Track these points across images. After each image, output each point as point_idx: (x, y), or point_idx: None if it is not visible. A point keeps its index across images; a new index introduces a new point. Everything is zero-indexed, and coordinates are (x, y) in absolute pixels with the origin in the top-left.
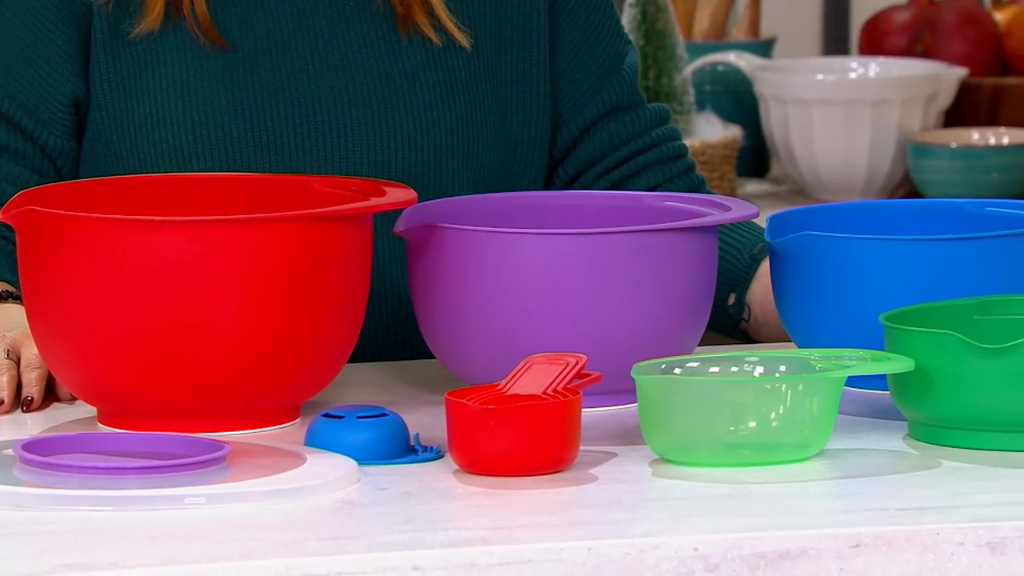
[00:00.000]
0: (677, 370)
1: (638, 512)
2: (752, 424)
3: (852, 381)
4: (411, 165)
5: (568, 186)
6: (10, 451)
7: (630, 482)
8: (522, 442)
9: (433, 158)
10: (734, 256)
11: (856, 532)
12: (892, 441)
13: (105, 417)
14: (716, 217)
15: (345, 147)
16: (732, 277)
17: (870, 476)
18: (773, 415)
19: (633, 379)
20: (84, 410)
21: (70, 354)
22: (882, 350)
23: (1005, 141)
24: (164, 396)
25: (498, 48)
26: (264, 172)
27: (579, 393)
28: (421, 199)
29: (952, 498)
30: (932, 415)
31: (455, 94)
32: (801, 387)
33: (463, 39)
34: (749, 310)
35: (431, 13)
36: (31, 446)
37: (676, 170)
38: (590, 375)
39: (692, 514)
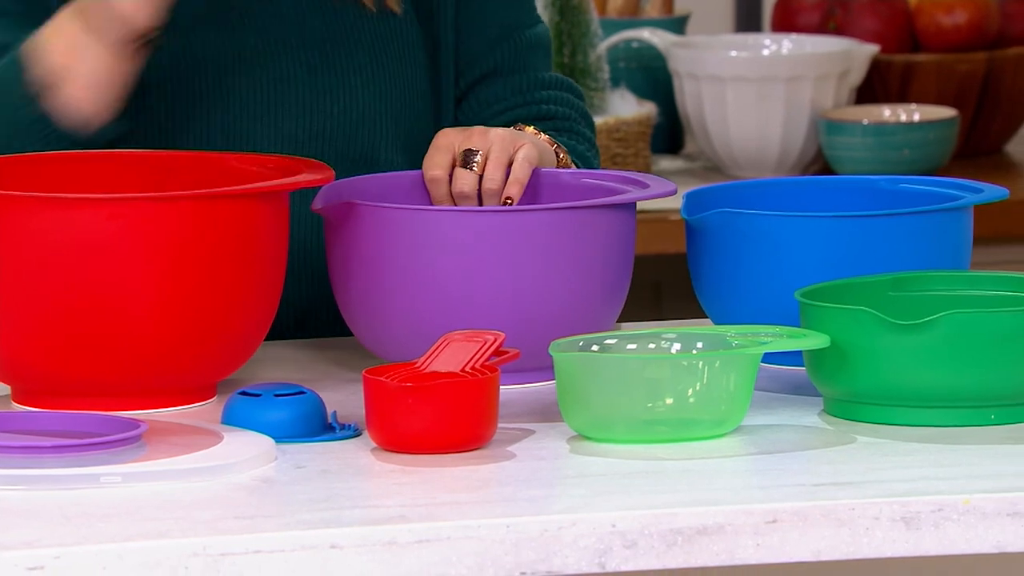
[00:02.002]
0: (595, 347)
1: (556, 489)
2: (669, 401)
3: (768, 357)
4: (346, 123)
5: None
6: None
7: (548, 459)
8: (440, 419)
9: (368, 118)
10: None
11: (772, 508)
12: (808, 417)
13: (19, 396)
14: (633, 195)
15: (284, 104)
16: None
17: (786, 452)
18: (690, 392)
19: (551, 356)
20: None
21: None
22: (798, 326)
23: (916, 118)
24: (79, 374)
25: (423, 17)
26: (203, 123)
27: (497, 370)
28: (356, 159)
29: (867, 473)
30: (847, 391)
31: (389, 57)
32: (718, 364)
33: (395, 5)
34: None
35: None
36: None
37: (550, 127)
38: (508, 352)
39: (610, 491)
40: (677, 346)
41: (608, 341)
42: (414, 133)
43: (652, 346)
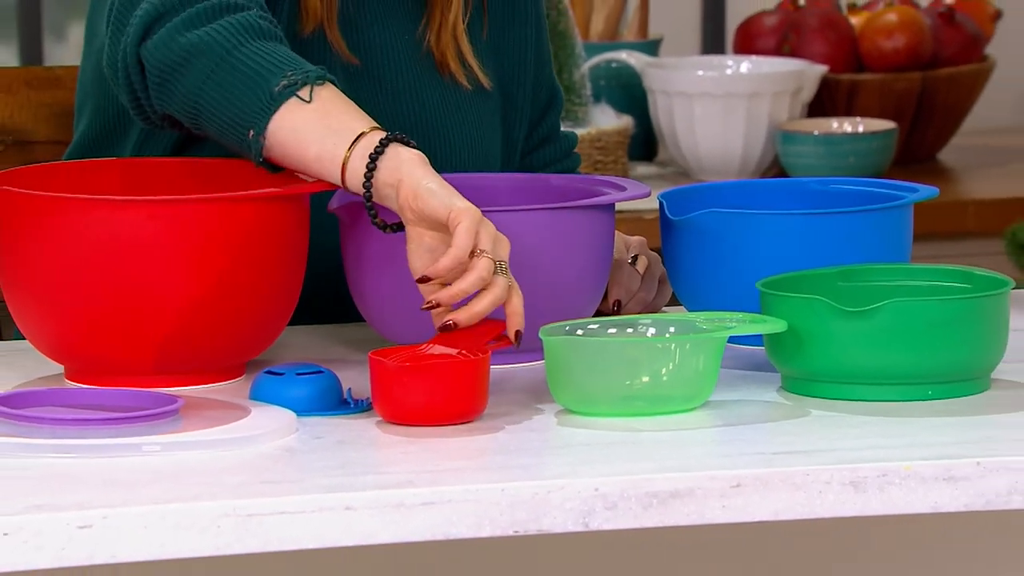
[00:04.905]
0: (579, 331)
1: (545, 457)
2: (645, 379)
3: (733, 339)
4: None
5: None
6: None
7: (538, 431)
8: (433, 395)
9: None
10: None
11: (736, 474)
12: (767, 393)
13: (72, 374)
14: (612, 196)
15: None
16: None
17: (748, 424)
18: (664, 371)
19: (541, 339)
20: (53, 368)
21: (42, 318)
22: (759, 313)
23: (860, 129)
24: (124, 356)
25: (507, 84)
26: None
27: (487, 353)
28: None
29: (820, 443)
30: (802, 370)
31: (484, 127)
32: (688, 346)
33: (486, 81)
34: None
35: (462, 60)
36: (5, 400)
37: None
38: (504, 337)
39: (593, 459)
40: (652, 330)
41: (591, 326)
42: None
43: (630, 330)
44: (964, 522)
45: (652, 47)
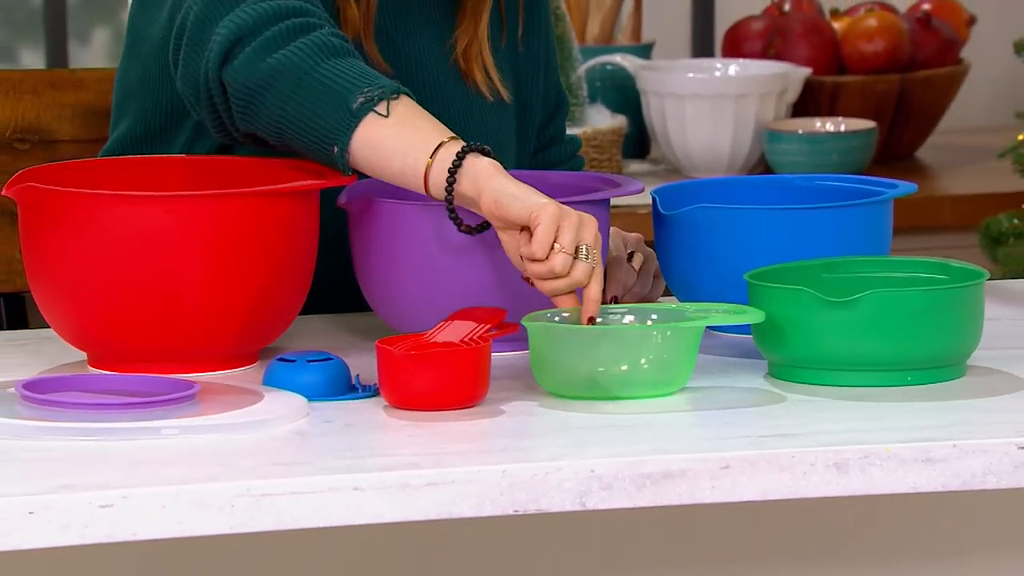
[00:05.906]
0: (557, 319)
1: (544, 440)
2: (624, 367)
3: (723, 328)
4: None
5: None
6: (12, 390)
7: (537, 415)
8: (436, 382)
9: None
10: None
11: (725, 456)
12: (755, 379)
13: (94, 361)
14: (607, 193)
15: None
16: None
17: (737, 408)
18: (641, 357)
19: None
20: (76, 355)
21: (66, 307)
22: (747, 303)
23: (842, 128)
24: (144, 343)
25: (522, 88)
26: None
27: (488, 341)
28: None
29: (804, 426)
30: (788, 357)
31: (503, 138)
32: (664, 334)
33: (506, 95)
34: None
35: (486, 72)
36: (31, 385)
37: None
38: (509, 325)
39: (589, 442)
40: (630, 317)
41: (564, 314)
42: None
43: (612, 317)
44: (941, 502)
45: (645, 50)
